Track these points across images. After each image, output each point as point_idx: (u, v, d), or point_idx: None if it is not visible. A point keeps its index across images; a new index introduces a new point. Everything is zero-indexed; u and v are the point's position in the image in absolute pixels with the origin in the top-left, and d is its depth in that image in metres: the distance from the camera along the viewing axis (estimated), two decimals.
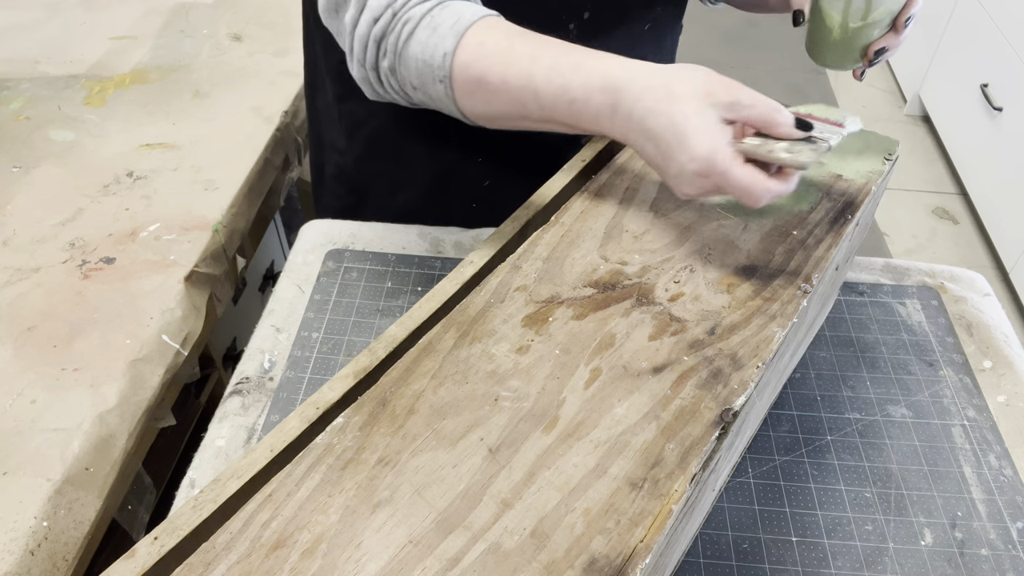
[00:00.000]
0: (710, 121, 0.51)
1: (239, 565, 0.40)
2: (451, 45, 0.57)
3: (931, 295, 0.82)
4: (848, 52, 0.69)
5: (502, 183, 0.87)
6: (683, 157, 0.51)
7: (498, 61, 0.57)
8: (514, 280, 0.55)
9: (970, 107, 2.19)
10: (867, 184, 0.63)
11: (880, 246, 2.14)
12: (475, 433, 0.45)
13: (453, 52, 0.57)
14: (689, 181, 0.52)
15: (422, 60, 0.59)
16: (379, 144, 0.87)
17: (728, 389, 0.48)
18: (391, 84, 0.63)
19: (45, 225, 0.92)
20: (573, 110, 0.55)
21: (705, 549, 0.61)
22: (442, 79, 0.59)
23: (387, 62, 0.61)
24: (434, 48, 0.58)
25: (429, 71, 0.59)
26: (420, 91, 0.61)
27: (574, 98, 0.55)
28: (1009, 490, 0.65)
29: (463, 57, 0.57)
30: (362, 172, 0.90)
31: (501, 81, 0.57)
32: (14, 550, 0.63)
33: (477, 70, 0.57)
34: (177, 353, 0.82)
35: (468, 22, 0.58)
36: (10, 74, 1.18)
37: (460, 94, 0.59)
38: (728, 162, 0.50)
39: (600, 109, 0.54)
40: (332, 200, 0.95)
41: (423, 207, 0.90)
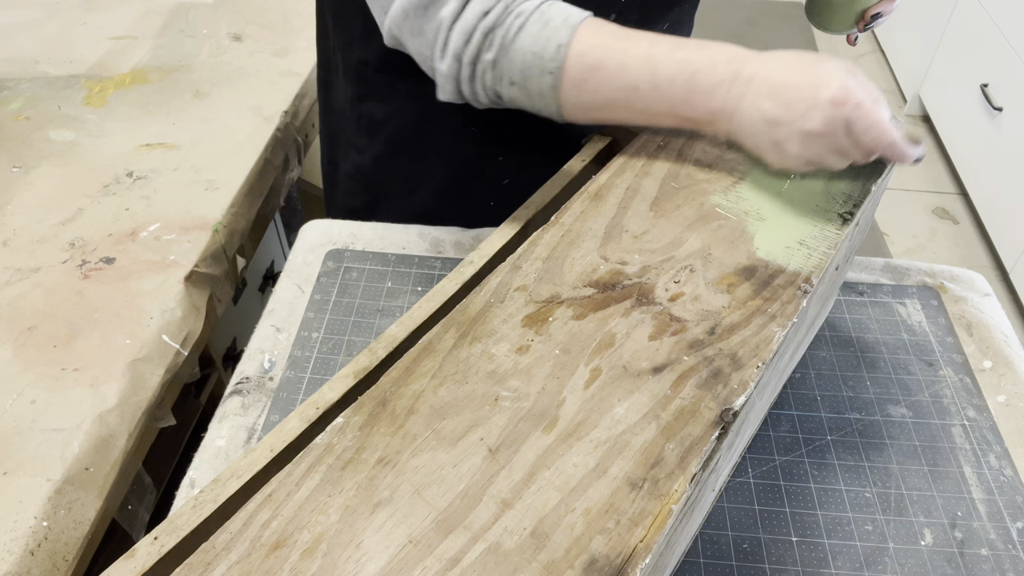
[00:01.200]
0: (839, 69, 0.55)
1: (239, 565, 0.40)
2: (566, 37, 0.59)
3: (931, 295, 0.82)
4: (846, 16, 0.72)
5: (521, 182, 0.87)
6: (818, 89, 0.54)
7: (616, 47, 0.59)
8: (514, 280, 0.55)
9: (970, 107, 2.19)
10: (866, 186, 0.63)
11: (880, 246, 2.14)
12: (475, 433, 0.45)
13: (568, 43, 0.59)
14: (817, 117, 0.54)
15: (532, 52, 0.60)
16: (399, 144, 0.87)
17: (728, 389, 0.48)
18: (485, 80, 0.63)
19: (45, 225, 0.92)
20: (693, 82, 0.57)
21: (705, 549, 0.61)
22: (552, 70, 0.60)
23: (491, 55, 0.61)
24: (547, 40, 0.60)
25: (538, 63, 0.60)
26: (518, 86, 0.63)
27: (697, 69, 0.57)
28: (1009, 490, 0.65)
29: (578, 47, 0.59)
30: (380, 171, 0.90)
31: (618, 63, 0.59)
32: (14, 550, 0.63)
33: (593, 57, 0.59)
34: (177, 353, 0.82)
35: (580, 18, 0.60)
36: (10, 74, 1.18)
37: (568, 84, 0.61)
38: (863, 97, 0.54)
39: (722, 77, 0.57)
40: (346, 198, 0.95)
41: (440, 206, 0.90)
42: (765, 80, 0.56)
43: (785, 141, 0.56)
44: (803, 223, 0.59)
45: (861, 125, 0.54)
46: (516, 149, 0.85)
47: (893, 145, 0.56)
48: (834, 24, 0.75)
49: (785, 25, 2.96)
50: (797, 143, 0.56)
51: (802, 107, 0.54)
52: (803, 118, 0.55)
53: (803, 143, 0.56)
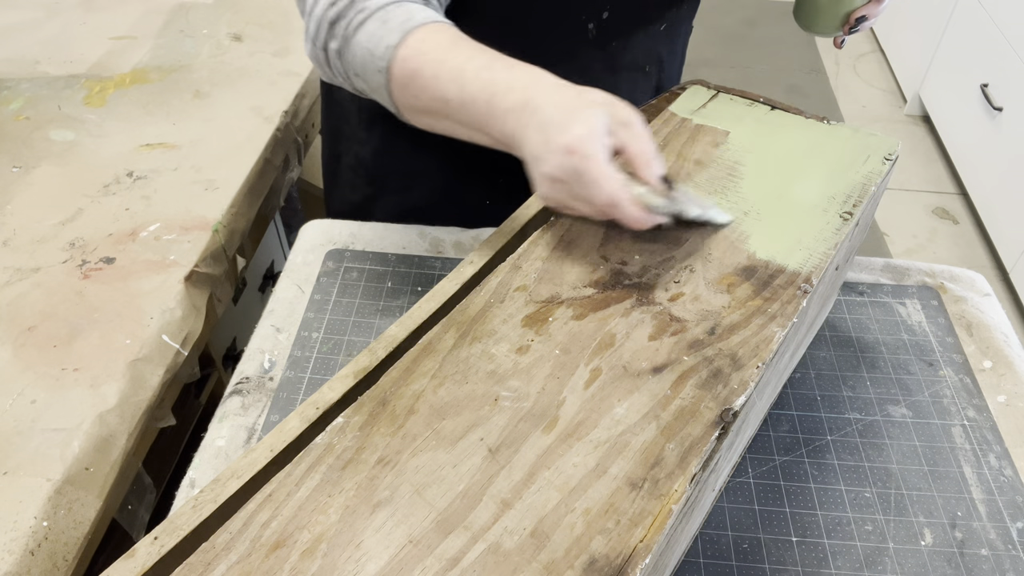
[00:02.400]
0: (600, 121, 0.53)
1: (239, 565, 0.40)
2: (396, 39, 0.60)
3: (931, 295, 0.82)
4: (831, 18, 0.73)
5: (517, 182, 0.88)
6: (562, 133, 0.53)
7: (435, 58, 0.60)
8: (514, 280, 0.55)
9: (970, 107, 2.19)
10: (866, 186, 0.63)
11: (880, 246, 2.14)
12: (475, 433, 0.45)
13: (396, 45, 0.60)
14: (553, 162, 0.54)
15: (367, 49, 0.62)
16: (396, 138, 0.88)
17: (728, 389, 0.48)
18: (337, 66, 0.65)
19: (45, 225, 0.92)
20: (491, 104, 0.58)
21: (705, 549, 0.61)
22: (381, 69, 0.61)
23: (335, 44, 0.64)
24: (379, 39, 0.61)
25: (371, 60, 0.62)
26: (360, 78, 0.64)
27: (495, 92, 0.57)
28: (1009, 490, 0.65)
29: (403, 52, 0.60)
30: (379, 165, 0.91)
31: (433, 74, 0.59)
32: (14, 550, 0.63)
33: (414, 64, 0.60)
34: (177, 353, 0.82)
35: (418, 22, 0.61)
36: (10, 74, 1.18)
37: (395, 86, 0.62)
38: (598, 152, 0.52)
39: (514, 104, 0.56)
40: (348, 192, 0.96)
41: (436, 203, 0.90)
42: (543, 113, 0.55)
43: (538, 179, 0.56)
44: (803, 223, 0.59)
45: (585, 178, 0.53)
46: None
47: (614, 207, 0.53)
48: (819, 26, 0.75)
49: (785, 25, 2.96)
50: (545, 184, 0.56)
51: (547, 148, 0.54)
52: (544, 160, 0.54)
53: (549, 185, 0.55)
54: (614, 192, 0.53)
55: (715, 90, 0.72)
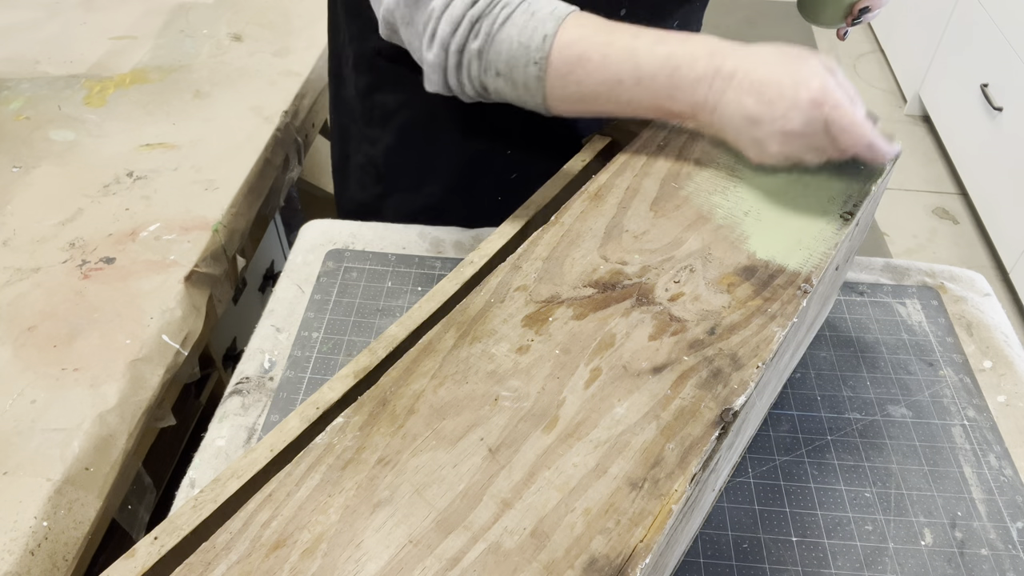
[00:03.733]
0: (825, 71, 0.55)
1: (239, 565, 0.40)
2: (552, 28, 0.60)
3: (931, 295, 0.82)
4: (835, 10, 0.73)
5: (529, 177, 0.87)
6: (798, 89, 0.54)
7: (600, 40, 0.59)
8: (514, 280, 0.55)
9: (970, 107, 2.19)
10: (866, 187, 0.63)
11: (880, 246, 2.14)
12: (475, 433, 0.45)
13: (554, 34, 0.60)
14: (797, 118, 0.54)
15: (519, 42, 0.61)
16: (409, 135, 0.87)
17: (728, 389, 0.48)
18: (471, 70, 0.63)
19: (45, 225, 0.92)
20: (675, 77, 0.58)
21: (705, 549, 0.61)
22: (537, 61, 0.60)
23: (477, 44, 0.62)
24: (533, 30, 0.60)
25: (524, 53, 0.61)
26: (504, 77, 0.63)
27: (678, 64, 0.57)
28: (1009, 490, 0.65)
29: (564, 38, 0.60)
30: (390, 163, 0.91)
31: (602, 56, 0.59)
32: (14, 550, 0.63)
33: (578, 49, 0.60)
34: (177, 353, 0.82)
35: (567, 11, 0.61)
36: (10, 74, 1.18)
37: (554, 75, 0.61)
38: (842, 99, 0.54)
39: (703, 73, 0.57)
40: (358, 191, 0.96)
41: (448, 200, 0.90)
42: (747, 76, 0.56)
43: (765, 139, 0.57)
44: (803, 223, 0.59)
45: (839, 126, 0.54)
46: (524, 144, 0.85)
47: (871, 146, 0.56)
48: (823, 18, 0.76)
49: (785, 25, 2.96)
50: (777, 141, 0.56)
51: (782, 106, 0.55)
52: (783, 118, 0.55)
53: (782, 141, 0.56)
54: (869, 133, 0.55)
55: None
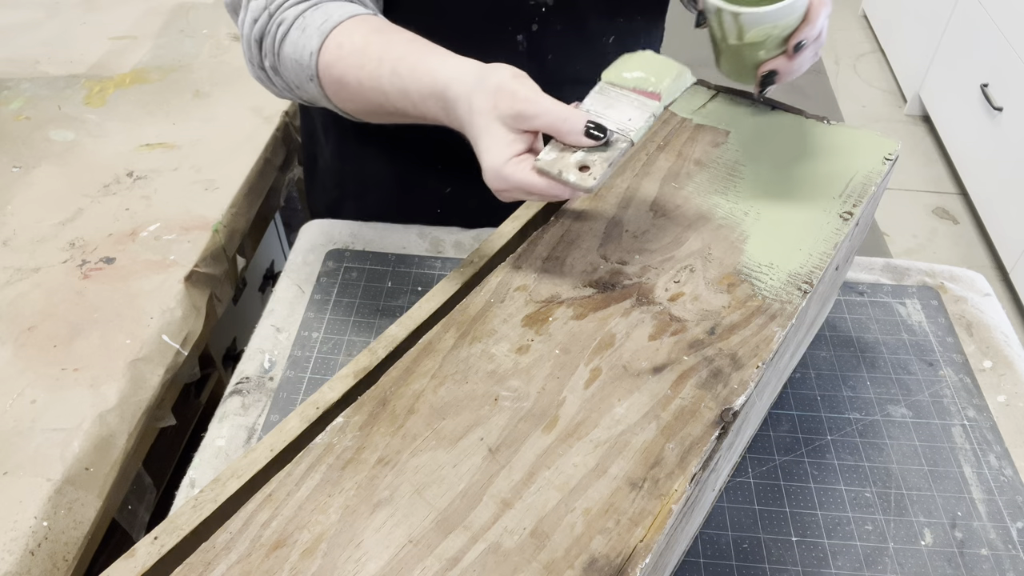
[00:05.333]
0: (497, 136, 0.51)
1: (239, 565, 0.40)
2: (316, 45, 0.60)
3: (931, 295, 0.82)
4: (739, 68, 0.64)
5: (465, 191, 0.87)
6: (486, 171, 0.52)
7: (353, 63, 0.59)
8: (514, 280, 0.55)
9: (970, 107, 2.19)
10: (867, 183, 0.63)
11: (880, 246, 2.14)
12: (475, 433, 0.45)
13: (318, 51, 0.60)
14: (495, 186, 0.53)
15: (294, 60, 0.61)
16: (345, 146, 0.88)
17: (728, 389, 0.48)
18: (279, 83, 0.65)
19: (45, 225, 0.92)
20: (419, 110, 0.58)
21: (705, 549, 0.61)
22: (311, 77, 0.61)
23: (268, 62, 0.63)
24: (303, 48, 0.60)
25: (301, 70, 0.61)
26: (300, 89, 0.64)
27: (414, 101, 0.57)
28: (1009, 490, 0.65)
29: (326, 57, 0.60)
30: (340, 169, 0.92)
31: (357, 82, 0.59)
32: (14, 550, 0.63)
33: (337, 71, 0.59)
34: (177, 353, 0.81)
35: (335, 22, 0.60)
36: (10, 74, 1.18)
37: (329, 92, 0.61)
38: (519, 175, 0.51)
39: (436, 112, 0.56)
40: (321, 193, 0.97)
41: (390, 209, 0.91)
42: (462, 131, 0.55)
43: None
44: (803, 223, 0.59)
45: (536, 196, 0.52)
46: (455, 158, 0.84)
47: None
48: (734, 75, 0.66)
49: None
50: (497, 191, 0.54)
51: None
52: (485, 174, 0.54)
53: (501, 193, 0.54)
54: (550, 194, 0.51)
55: (715, 90, 0.72)
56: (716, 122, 0.69)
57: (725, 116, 0.69)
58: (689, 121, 0.69)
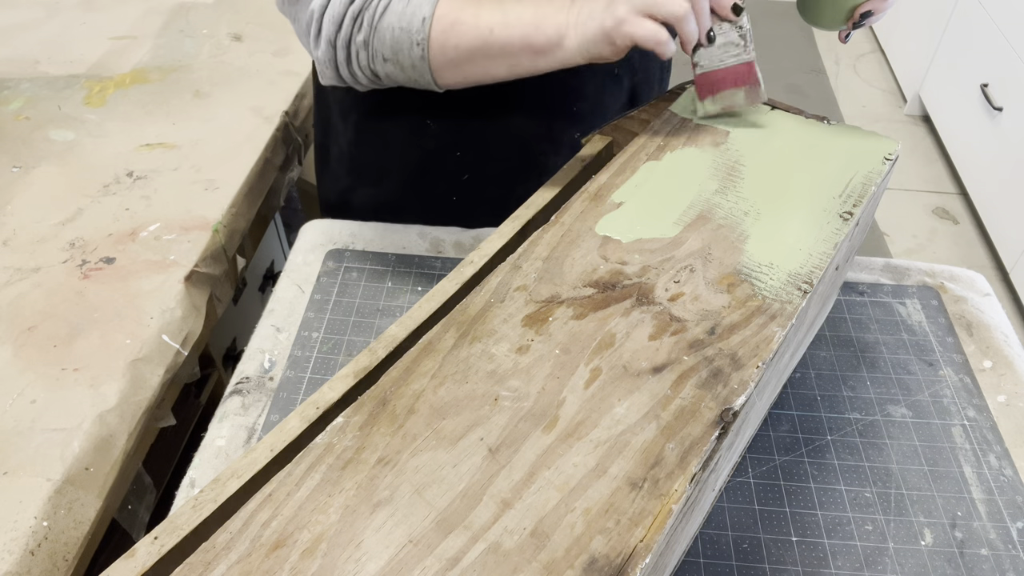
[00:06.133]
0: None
1: (239, 565, 0.40)
2: (429, 10, 0.66)
3: (931, 295, 0.82)
4: (836, 12, 0.71)
5: (481, 178, 0.88)
6: None
7: (471, 8, 0.65)
8: (514, 280, 0.55)
9: (970, 107, 2.19)
10: (866, 186, 0.63)
11: (880, 246, 2.14)
12: (475, 433, 0.45)
13: (432, 15, 0.65)
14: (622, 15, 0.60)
15: (399, 28, 0.66)
16: (364, 131, 0.89)
17: (728, 389, 0.48)
18: (359, 60, 0.69)
19: (45, 225, 0.92)
20: (538, 12, 0.65)
21: (705, 549, 0.61)
22: (419, 42, 0.66)
23: (362, 35, 0.67)
24: (412, 15, 0.66)
25: (407, 37, 0.66)
26: (391, 62, 0.68)
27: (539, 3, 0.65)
28: (1009, 490, 0.65)
29: (439, 13, 0.65)
30: (354, 157, 0.92)
31: (473, 16, 0.65)
32: (14, 550, 0.63)
33: (452, 17, 0.65)
34: (177, 353, 0.82)
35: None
36: (10, 74, 1.18)
37: (436, 49, 0.66)
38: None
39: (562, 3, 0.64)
40: (332, 182, 0.97)
41: (404, 197, 0.92)
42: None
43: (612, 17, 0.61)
44: (803, 223, 0.59)
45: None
46: (473, 146, 0.86)
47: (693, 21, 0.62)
48: (824, 20, 0.74)
49: (785, 25, 2.96)
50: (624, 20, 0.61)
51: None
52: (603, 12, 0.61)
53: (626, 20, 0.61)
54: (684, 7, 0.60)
55: None
56: (716, 122, 0.69)
57: (725, 116, 0.69)
58: (689, 121, 0.69)
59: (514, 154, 0.87)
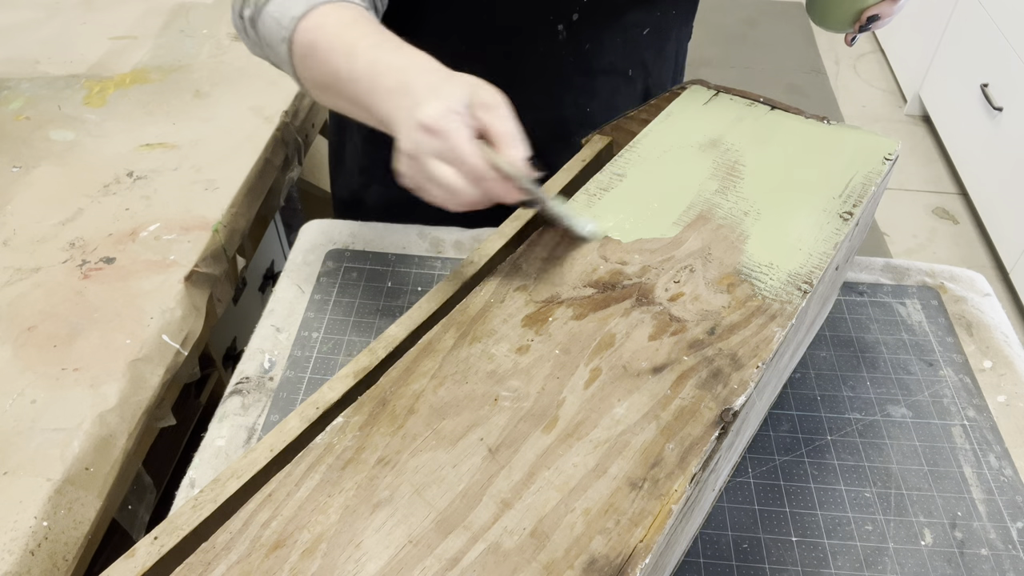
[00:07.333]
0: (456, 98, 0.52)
1: (239, 565, 0.40)
2: (301, 11, 0.62)
3: (931, 295, 0.82)
4: (844, 14, 0.73)
5: None
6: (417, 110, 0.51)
7: (333, 32, 0.60)
8: (514, 280, 0.55)
9: (970, 107, 2.19)
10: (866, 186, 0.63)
11: (880, 246, 2.14)
12: (475, 433, 0.45)
13: (300, 17, 0.61)
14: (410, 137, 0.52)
15: (274, 18, 0.63)
16: (377, 130, 0.88)
17: (728, 389, 0.48)
18: (252, 36, 0.66)
19: (45, 225, 0.92)
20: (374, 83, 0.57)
21: (705, 549, 0.61)
22: (284, 39, 0.63)
23: (249, 12, 0.65)
24: (286, 10, 0.62)
25: (277, 30, 0.63)
26: (271, 49, 0.65)
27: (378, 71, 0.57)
28: (1009, 490, 0.65)
29: (306, 23, 0.61)
30: (368, 153, 0.92)
31: (328, 48, 0.60)
32: (14, 550, 0.63)
33: (312, 36, 0.61)
34: (177, 353, 0.81)
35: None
36: (10, 74, 1.18)
37: (296, 58, 0.63)
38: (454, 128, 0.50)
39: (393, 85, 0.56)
40: (347, 180, 0.97)
41: (415, 196, 0.91)
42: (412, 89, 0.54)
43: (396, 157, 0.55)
44: (803, 223, 0.59)
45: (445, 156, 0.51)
46: None
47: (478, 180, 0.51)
48: (831, 22, 0.75)
49: (785, 25, 2.96)
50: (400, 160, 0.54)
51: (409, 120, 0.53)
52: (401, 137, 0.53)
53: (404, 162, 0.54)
54: (476, 165, 0.50)
55: (715, 90, 0.72)
56: (716, 122, 0.69)
57: (725, 116, 0.69)
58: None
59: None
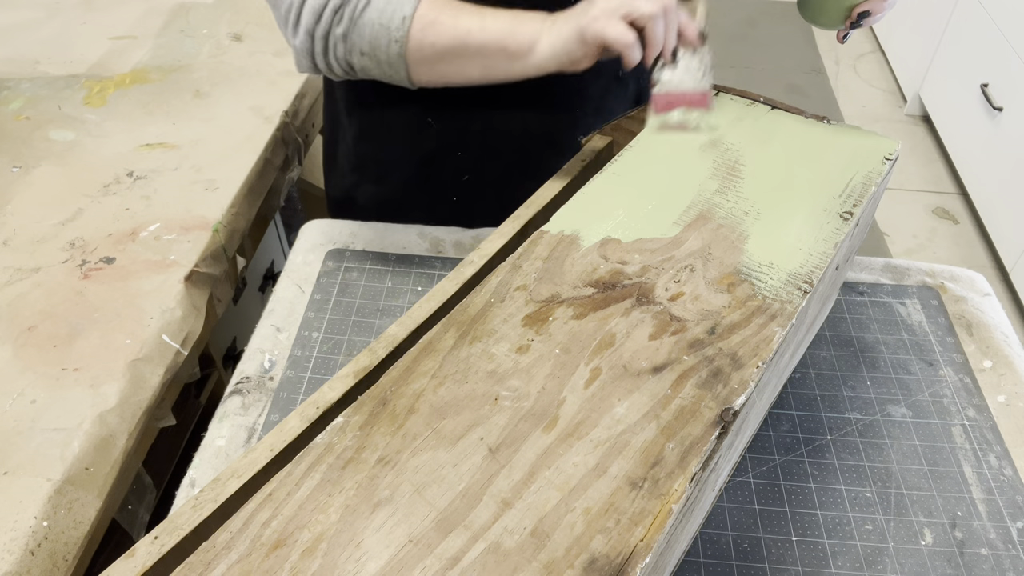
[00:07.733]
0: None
1: (239, 564, 0.40)
2: (410, 9, 0.67)
3: (931, 295, 0.82)
4: (834, 12, 0.73)
5: (481, 180, 0.89)
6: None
7: (451, 10, 0.67)
8: (514, 280, 0.55)
9: (970, 107, 2.19)
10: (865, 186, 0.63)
11: (880, 246, 2.14)
12: (475, 432, 0.45)
13: (412, 14, 0.67)
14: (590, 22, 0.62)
15: (379, 24, 0.67)
16: (368, 129, 0.90)
17: (728, 389, 0.48)
18: (336, 52, 0.70)
19: (45, 225, 0.92)
20: (515, 16, 0.67)
21: (705, 549, 0.61)
22: (398, 39, 0.67)
23: (341, 28, 0.68)
24: (392, 12, 0.67)
25: (385, 33, 0.67)
26: (368, 56, 0.69)
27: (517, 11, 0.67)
28: (1009, 490, 0.65)
29: (419, 12, 0.67)
30: (359, 153, 0.92)
31: (452, 17, 0.67)
32: (14, 550, 0.63)
33: (431, 16, 0.67)
34: (177, 353, 0.81)
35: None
36: (10, 74, 1.18)
37: (413, 46, 0.68)
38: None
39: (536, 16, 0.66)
40: (339, 179, 0.98)
41: (406, 196, 0.92)
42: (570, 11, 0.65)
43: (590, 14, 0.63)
44: (803, 223, 0.59)
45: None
46: (474, 146, 0.86)
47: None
48: (822, 19, 0.75)
49: (785, 25, 2.96)
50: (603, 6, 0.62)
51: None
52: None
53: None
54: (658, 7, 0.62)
55: (715, 90, 0.72)
56: (717, 122, 0.69)
57: (725, 116, 0.69)
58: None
59: (515, 155, 0.87)
